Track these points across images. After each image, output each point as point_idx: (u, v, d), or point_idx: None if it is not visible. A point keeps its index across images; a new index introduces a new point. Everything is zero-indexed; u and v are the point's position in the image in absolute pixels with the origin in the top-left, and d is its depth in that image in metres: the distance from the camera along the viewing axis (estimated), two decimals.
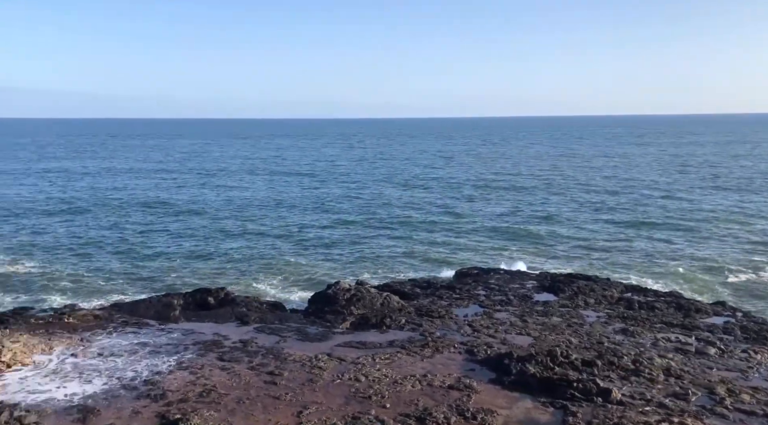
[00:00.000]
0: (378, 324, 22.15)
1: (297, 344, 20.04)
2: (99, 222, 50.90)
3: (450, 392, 16.06)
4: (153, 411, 14.82)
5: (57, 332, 20.85)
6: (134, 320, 22.63)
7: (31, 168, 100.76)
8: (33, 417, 14.11)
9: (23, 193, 68.77)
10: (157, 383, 16.58)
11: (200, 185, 78.41)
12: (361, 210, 58.10)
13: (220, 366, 17.91)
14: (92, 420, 14.39)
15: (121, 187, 76.11)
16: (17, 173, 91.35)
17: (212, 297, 25.46)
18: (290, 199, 65.20)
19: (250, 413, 14.76)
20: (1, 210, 56.38)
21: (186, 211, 57.64)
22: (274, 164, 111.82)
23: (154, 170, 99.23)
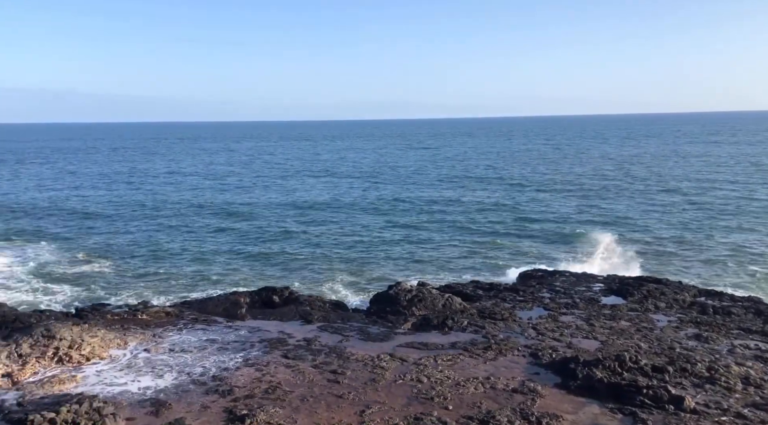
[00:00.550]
0: (440, 325, 22.05)
1: (359, 343, 20.19)
2: (169, 223, 52.85)
3: (514, 395, 15.81)
4: (221, 407, 15.25)
5: (131, 328, 21.75)
6: (203, 317, 23.36)
7: (105, 170, 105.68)
8: (110, 409, 14.77)
9: (99, 195, 72.20)
10: (224, 379, 17.05)
11: (264, 186, 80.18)
12: (422, 211, 58.01)
13: (284, 363, 18.24)
14: (164, 413, 14.93)
15: (189, 189, 78.76)
16: (93, 175, 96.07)
17: (277, 295, 25.99)
18: (351, 200, 65.79)
19: (314, 411, 14.97)
20: (80, 212, 59.35)
21: (250, 212, 59.06)
22: (336, 165, 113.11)
23: (220, 172, 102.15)
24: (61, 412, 14.26)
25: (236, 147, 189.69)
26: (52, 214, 56.86)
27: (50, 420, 14.01)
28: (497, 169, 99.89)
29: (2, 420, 14.48)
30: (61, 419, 14.05)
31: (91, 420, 14.08)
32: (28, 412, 14.50)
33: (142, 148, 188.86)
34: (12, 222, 52.25)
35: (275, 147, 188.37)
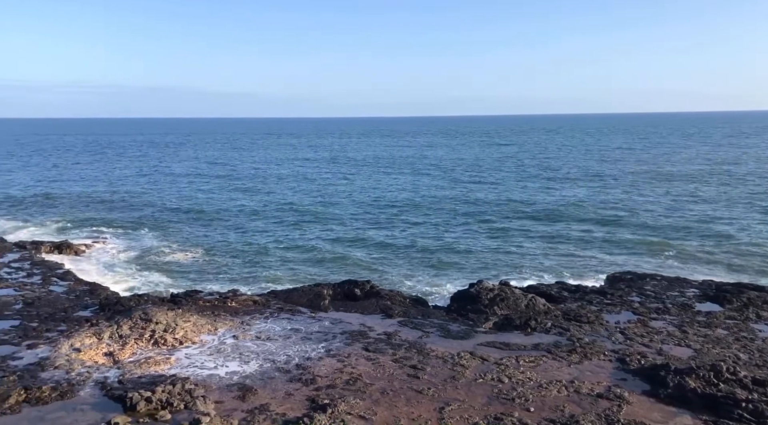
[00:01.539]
0: (522, 325, 21.65)
1: (439, 340, 20.15)
2: (257, 215, 54.72)
3: (599, 401, 15.30)
4: (304, 395, 15.66)
5: (221, 314, 22.70)
6: (288, 307, 24.05)
7: (196, 165, 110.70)
8: (201, 391, 15.50)
9: (192, 188, 75.74)
10: (307, 368, 17.49)
11: (344, 182, 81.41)
12: (504, 208, 57.07)
13: (365, 356, 18.49)
14: (250, 398, 15.50)
15: (274, 181, 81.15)
16: (186, 168, 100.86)
17: (359, 288, 26.36)
18: (431, 197, 65.65)
19: (394, 404, 15.09)
20: (176, 204, 62.53)
21: (332, 206, 60.15)
22: (418, 161, 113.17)
23: (303, 166, 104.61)
24: (156, 392, 15.11)
25: (317, 142, 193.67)
26: (151, 205, 60.16)
27: (147, 398, 14.87)
28: (585, 168, 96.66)
29: (105, 396, 15.52)
30: (156, 398, 14.89)
31: (183, 401, 14.83)
32: (127, 390, 15.46)
33: (232, 142, 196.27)
34: (116, 213, 55.75)
35: (356, 143, 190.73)
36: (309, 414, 14.40)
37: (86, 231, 46.35)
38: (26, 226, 48.15)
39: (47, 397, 15.37)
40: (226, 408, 14.93)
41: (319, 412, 14.45)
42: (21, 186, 75.63)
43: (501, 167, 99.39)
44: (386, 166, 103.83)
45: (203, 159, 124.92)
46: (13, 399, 15.14)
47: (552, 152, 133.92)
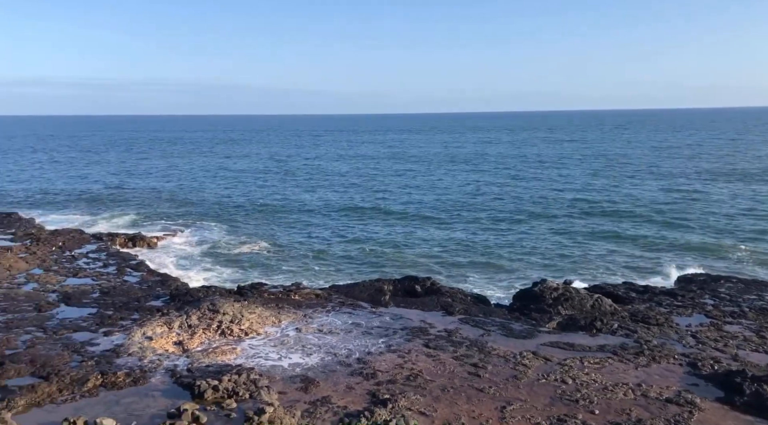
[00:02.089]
0: (587, 326, 21.13)
1: (501, 339, 19.92)
2: (319, 210, 55.54)
3: (668, 406, 14.76)
4: (364, 389, 15.80)
5: (285, 307, 23.18)
6: (349, 301, 24.31)
7: (260, 160, 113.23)
8: (265, 381, 15.89)
9: (256, 184, 77.57)
10: (368, 362, 17.64)
11: (407, 178, 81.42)
12: (568, 206, 55.74)
13: (425, 352, 18.49)
14: (312, 390, 15.77)
15: (336, 177, 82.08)
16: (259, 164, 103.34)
17: (419, 285, 26.35)
18: (493, 194, 64.84)
19: (454, 402, 15.03)
20: (240, 200, 64.21)
21: (394, 202, 60.31)
22: (478, 158, 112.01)
23: (361, 162, 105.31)
24: (223, 381, 15.60)
25: (377, 138, 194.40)
26: (219, 200, 62.02)
27: (214, 387, 15.36)
28: (653, 165, 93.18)
29: (174, 383, 16.13)
30: (222, 387, 15.36)
31: (248, 391, 15.24)
32: (195, 378, 16.02)
33: (294, 138, 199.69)
34: (186, 207, 57.77)
35: (415, 139, 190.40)
36: (370, 408, 14.52)
37: (158, 224, 48.23)
38: (103, 219, 50.54)
39: (122, 382, 16.11)
40: (289, 399, 15.24)
41: (380, 407, 14.56)
42: (100, 180, 79.44)
43: (566, 164, 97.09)
44: (447, 163, 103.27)
45: (267, 155, 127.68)
46: (91, 383, 15.95)
47: (618, 148, 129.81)
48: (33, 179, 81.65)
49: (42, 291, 25.22)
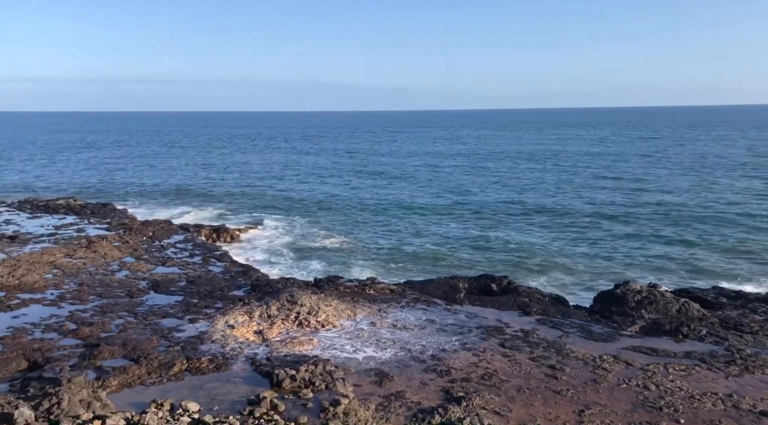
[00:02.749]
0: (672, 331, 20.19)
1: (580, 341, 19.37)
2: (397, 206, 55.80)
3: (762, 419, 13.90)
4: (438, 386, 15.78)
5: (360, 301, 23.46)
6: (424, 298, 24.31)
7: (342, 156, 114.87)
8: (340, 373, 16.16)
9: (338, 180, 78.80)
10: (442, 359, 17.60)
11: (486, 175, 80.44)
12: (650, 208, 53.33)
13: (501, 352, 18.24)
14: (386, 384, 15.90)
15: (414, 173, 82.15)
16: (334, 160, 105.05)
17: (495, 283, 26.00)
18: (572, 193, 62.97)
19: (530, 403, 14.75)
20: (320, 196, 65.42)
21: (474, 199, 59.74)
22: (559, 155, 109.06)
23: (440, 158, 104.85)
24: (300, 370, 15.98)
25: (457, 134, 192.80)
26: (299, 195, 63.51)
27: (291, 376, 15.77)
28: (747, 164, 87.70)
29: (254, 371, 16.68)
30: (300, 376, 15.74)
31: (324, 382, 15.54)
32: (274, 367, 16.49)
33: (376, 134, 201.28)
34: (268, 201, 59.51)
35: (497, 136, 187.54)
36: (443, 405, 14.49)
37: (241, 217, 49.95)
38: (189, 211, 52.84)
39: (205, 368, 16.82)
40: (364, 391, 15.43)
41: (454, 404, 14.50)
42: (186, 174, 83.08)
43: (651, 162, 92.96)
44: (527, 160, 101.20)
45: (345, 151, 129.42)
46: (177, 368, 16.74)
47: (709, 147, 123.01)
48: (125, 171, 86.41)
49: (133, 279, 26.67)
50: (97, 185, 71.51)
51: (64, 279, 25.94)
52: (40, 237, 35.28)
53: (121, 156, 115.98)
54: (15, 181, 73.13)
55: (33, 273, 26.57)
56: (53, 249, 31.50)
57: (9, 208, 47.24)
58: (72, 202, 48.76)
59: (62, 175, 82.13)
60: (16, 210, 46.06)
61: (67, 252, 30.84)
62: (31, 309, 21.97)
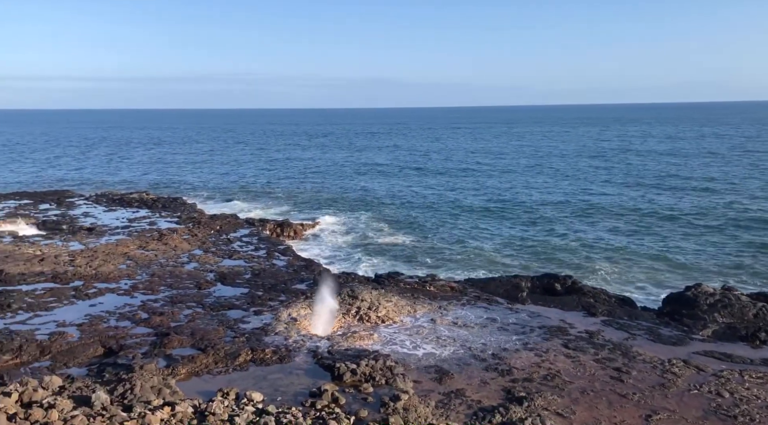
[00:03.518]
0: (749, 336, 19.27)
1: (647, 344, 18.75)
2: (461, 204, 55.47)
3: None
4: (499, 385, 15.61)
5: (420, 297, 23.46)
6: (485, 296, 24.08)
7: (404, 153, 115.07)
8: (400, 369, 16.22)
9: (400, 177, 78.98)
10: (503, 358, 17.39)
11: (550, 172, 78.80)
12: (723, 207, 50.91)
13: (564, 353, 17.87)
14: (446, 381, 15.85)
15: (479, 170, 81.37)
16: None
17: (559, 283, 25.47)
18: (640, 194, 60.88)
19: (594, 405, 14.40)
20: (382, 192, 65.77)
21: (535, 199, 58.70)
22: (627, 152, 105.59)
23: (506, 156, 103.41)
24: (360, 365, 16.14)
25: (524, 130, 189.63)
26: (362, 192, 64.03)
27: (352, 370, 15.95)
28: None
29: (316, 364, 16.96)
30: (360, 371, 15.90)
31: (384, 377, 15.64)
32: (335, 360, 16.72)
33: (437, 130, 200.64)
34: (330, 196, 60.35)
35: (557, 132, 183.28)
36: (504, 404, 14.33)
37: (305, 212, 50.81)
38: (255, 206, 54.18)
39: (269, 359, 17.23)
40: (424, 388, 15.44)
41: (515, 404, 14.31)
42: (253, 169, 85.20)
43: (726, 161, 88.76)
44: (592, 157, 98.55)
45: (409, 148, 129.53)
46: (242, 358, 17.22)
47: None
48: (193, 166, 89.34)
49: (201, 271, 27.57)
50: (167, 180, 74.26)
51: (137, 270, 27.09)
52: (115, 229, 36.97)
53: (190, 152, 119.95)
54: (91, 176, 76.87)
55: (108, 263, 27.89)
56: (127, 241, 32.95)
57: (87, 201, 49.70)
58: (145, 196, 50.85)
59: (134, 169, 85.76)
60: (93, 203, 48.41)
61: (140, 244, 32.19)
62: (107, 298, 23.06)
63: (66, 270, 26.52)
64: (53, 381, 14.66)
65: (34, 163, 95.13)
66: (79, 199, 50.49)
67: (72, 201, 49.18)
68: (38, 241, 32.96)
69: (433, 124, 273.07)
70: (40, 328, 19.57)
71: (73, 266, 27.31)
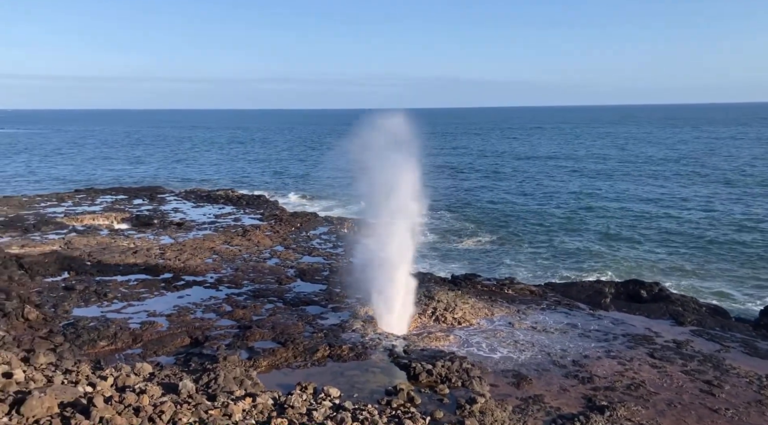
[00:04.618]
0: None
1: (742, 357, 17.67)
2: (547, 205, 54.27)
3: None
4: (580, 392, 15.15)
5: (498, 300, 23.13)
6: (566, 301, 23.44)
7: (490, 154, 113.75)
8: (477, 371, 16.04)
9: (492, 178, 78.14)
10: (584, 366, 16.87)
11: (637, 174, 75.74)
12: None
13: (650, 362, 17.13)
14: (524, 386, 15.55)
15: (583, 174, 79.31)
16: None
17: (645, 290, 24.44)
18: (736, 197, 57.39)
19: (682, 419, 13.73)
20: (464, 193, 65.31)
21: (610, 201, 56.57)
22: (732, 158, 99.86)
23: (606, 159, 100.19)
24: (436, 366, 16.08)
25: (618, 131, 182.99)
26: (445, 191, 63.73)
27: (428, 370, 15.91)
28: None
29: (391, 362, 17.04)
30: (436, 371, 15.84)
31: (461, 379, 15.50)
32: (411, 360, 16.73)
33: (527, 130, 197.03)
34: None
35: (650, 134, 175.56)
36: (585, 413, 13.90)
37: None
38: (334, 203, 55.14)
39: (346, 356, 17.46)
40: (501, 392, 15.21)
41: (596, 413, 13.85)
42: (333, 168, 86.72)
43: None
44: (675, 162, 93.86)
45: (492, 149, 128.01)
46: (320, 354, 17.54)
47: None
48: (274, 164, 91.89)
49: (282, 266, 28.31)
50: (250, 177, 76.75)
51: (222, 264, 28.15)
52: (202, 224, 38.56)
53: (270, 151, 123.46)
54: (179, 173, 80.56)
55: (196, 257, 29.13)
56: (213, 236, 34.30)
57: (177, 197, 52.11)
58: (230, 193, 52.78)
59: (218, 167, 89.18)
60: (182, 199, 50.70)
61: (225, 239, 33.44)
62: (194, 291, 24.09)
63: (157, 263, 27.91)
64: (144, 368, 15.46)
65: (128, 159, 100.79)
66: (169, 195, 53.00)
67: (163, 197, 51.70)
68: (132, 235, 34.87)
69: (511, 124, 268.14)
70: (132, 317, 20.70)
71: (163, 259, 28.70)
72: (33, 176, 77.13)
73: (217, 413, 12.60)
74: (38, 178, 75.64)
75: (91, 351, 17.90)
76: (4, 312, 20.29)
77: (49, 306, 21.50)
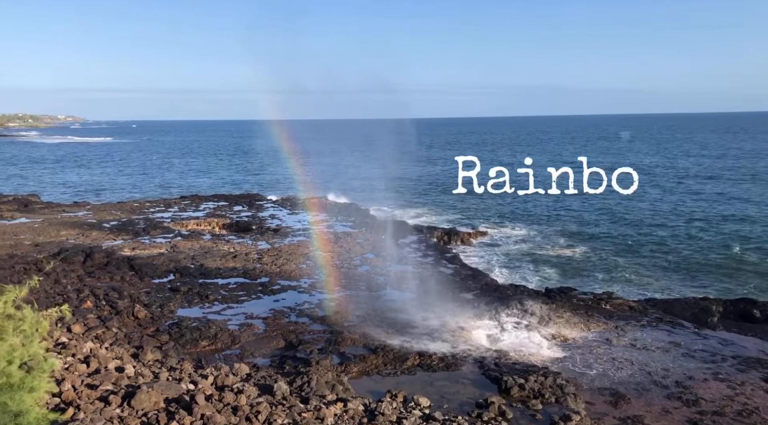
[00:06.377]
0: None
1: None
2: (650, 218, 51.85)
3: None
4: (683, 415, 14.31)
5: (594, 315, 22.25)
6: (668, 318, 22.22)
7: None
8: (572, 388, 15.51)
9: None
10: (689, 387, 15.92)
11: (746, 186, 70.73)
12: None
13: (764, 387, 15.91)
14: (622, 406, 14.87)
15: (670, 182, 75.45)
16: None
17: (758, 309, 22.72)
18: None
19: None
20: (561, 204, 63.57)
21: (730, 212, 53.03)
22: None
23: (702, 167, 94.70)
24: (529, 380, 15.70)
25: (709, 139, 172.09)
26: (538, 202, 62.34)
27: (520, 385, 15.56)
28: None
29: (482, 374, 16.81)
30: (528, 386, 15.46)
31: (554, 395, 15.05)
32: (502, 373, 16.44)
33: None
34: (506, 207, 59.61)
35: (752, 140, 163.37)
36: None
37: (475, 221, 50.66)
38: (425, 212, 55.21)
39: (435, 365, 17.41)
40: (597, 410, 14.63)
41: None
42: (422, 177, 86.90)
43: None
44: None
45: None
46: (410, 362, 17.59)
47: None
48: (364, 171, 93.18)
49: (373, 274, 28.65)
50: (343, 186, 78.30)
51: (315, 270, 28.86)
52: (297, 231, 39.75)
53: (365, 160, 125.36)
54: (274, 180, 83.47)
55: (291, 262, 30.06)
56: (307, 242, 35.27)
57: (273, 204, 54.06)
58: (324, 201, 54.12)
59: (313, 176, 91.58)
60: (279, 206, 52.54)
61: (319, 245, 34.27)
62: (289, 295, 24.85)
63: (254, 267, 29.04)
64: (242, 368, 16.12)
65: (230, 167, 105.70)
66: (267, 203, 55.06)
67: (261, 204, 53.78)
68: (232, 240, 36.48)
69: (606, 132, 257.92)
70: (231, 319, 21.62)
71: (261, 263, 29.82)
72: (148, 179, 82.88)
73: (310, 416, 12.92)
74: (151, 184, 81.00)
75: (193, 350, 18.84)
76: (116, 310, 21.80)
77: (156, 305, 22.85)
